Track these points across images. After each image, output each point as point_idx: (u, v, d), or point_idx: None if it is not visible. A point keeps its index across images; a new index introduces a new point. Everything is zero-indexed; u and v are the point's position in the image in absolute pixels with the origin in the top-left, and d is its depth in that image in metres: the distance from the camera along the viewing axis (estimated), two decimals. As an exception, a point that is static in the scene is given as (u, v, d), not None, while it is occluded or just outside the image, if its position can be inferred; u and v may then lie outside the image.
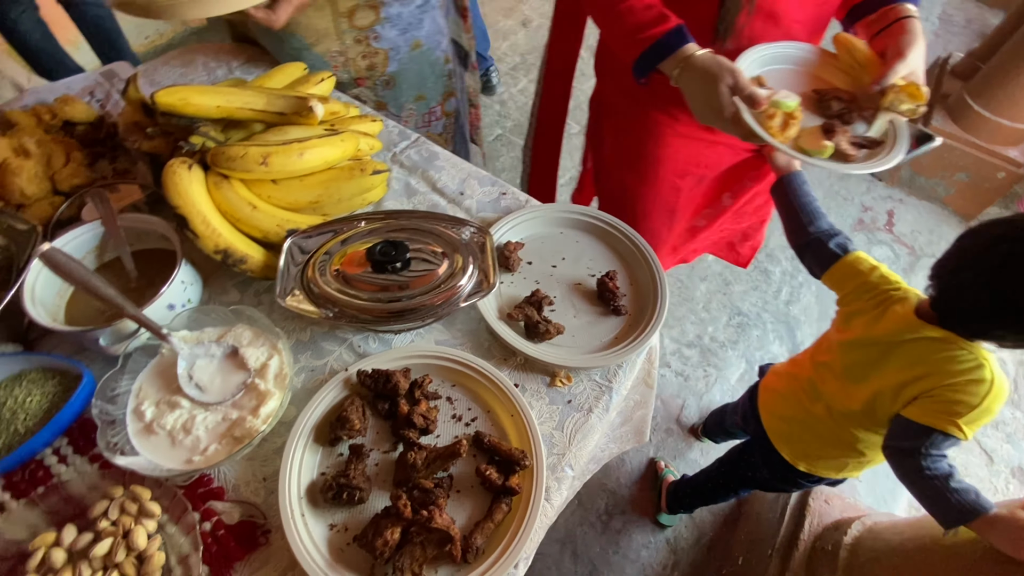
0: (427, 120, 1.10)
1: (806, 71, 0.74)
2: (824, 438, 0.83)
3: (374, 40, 0.93)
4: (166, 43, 2.75)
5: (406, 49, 0.97)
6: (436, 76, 1.04)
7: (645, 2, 0.68)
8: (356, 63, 0.94)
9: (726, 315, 1.79)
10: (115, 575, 0.46)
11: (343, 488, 0.51)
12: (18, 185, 0.68)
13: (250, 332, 0.59)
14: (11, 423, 0.52)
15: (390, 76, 0.99)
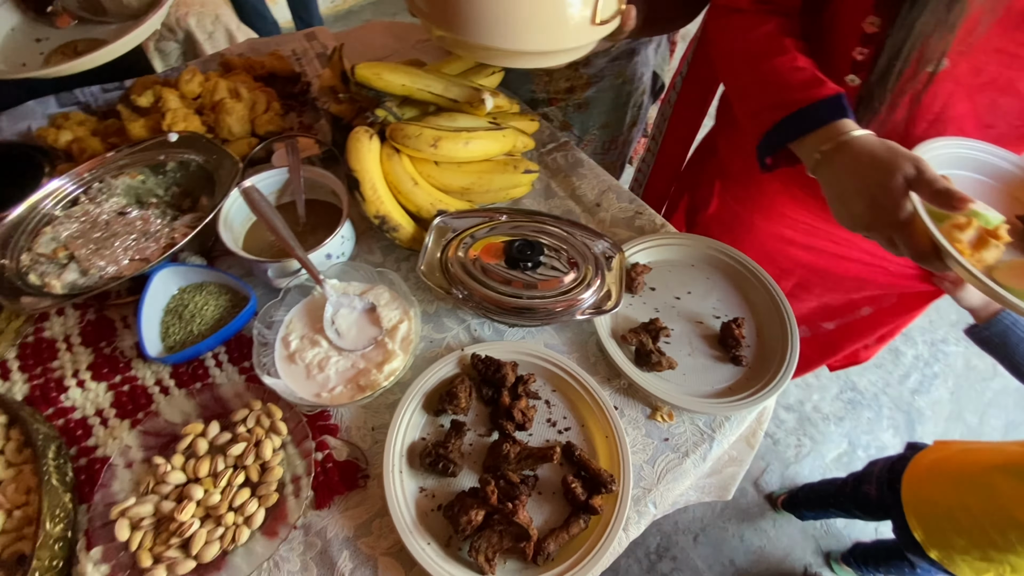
0: (607, 147, 1.11)
1: (1005, 189, 0.56)
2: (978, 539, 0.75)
3: (583, 66, 0.95)
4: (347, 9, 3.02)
5: (610, 78, 0.98)
6: (628, 107, 1.05)
7: (795, 63, 0.55)
8: (557, 84, 0.97)
9: (837, 387, 1.63)
10: (242, 476, 0.53)
11: (440, 458, 0.54)
12: (228, 123, 0.79)
13: (388, 294, 0.64)
14: (189, 324, 0.61)
15: (584, 100, 1.01)
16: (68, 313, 0.65)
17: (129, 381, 0.60)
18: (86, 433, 0.57)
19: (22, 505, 0.50)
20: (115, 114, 0.85)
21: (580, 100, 0.99)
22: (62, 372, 0.61)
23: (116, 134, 0.80)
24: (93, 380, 0.60)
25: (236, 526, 0.50)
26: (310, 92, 0.92)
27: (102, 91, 0.89)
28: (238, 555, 0.50)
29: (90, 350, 0.62)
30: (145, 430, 0.56)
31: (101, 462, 0.55)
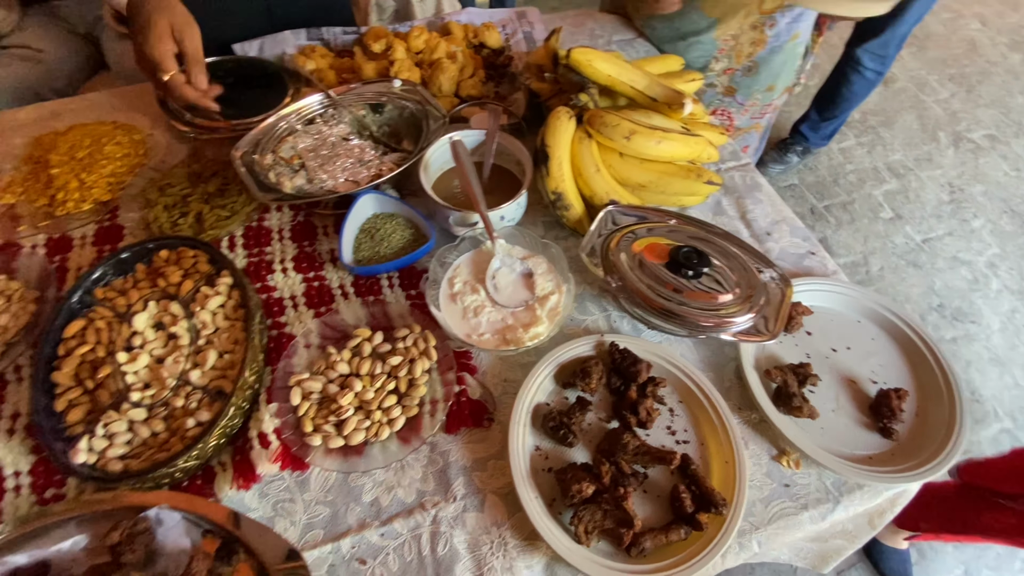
0: (762, 112, 1.10)
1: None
2: None
3: (768, 27, 0.95)
4: (540, -6, 3.10)
5: (786, 38, 0.98)
6: (792, 69, 1.04)
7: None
8: (741, 49, 0.97)
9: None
10: (392, 384, 0.60)
11: (563, 426, 0.57)
12: (440, 80, 0.87)
13: (546, 265, 0.68)
14: (377, 245, 0.70)
15: (754, 63, 1.00)
16: (285, 211, 0.77)
17: (319, 279, 0.71)
18: (280, 311, 0.68)
19: (229, 352, 0.62)
20: (348, 53, 0.98)
21: (750, 63, 0.99)
22: (271, 257, 0.73)
23: (348, 71, 0.92)
24: (294, 270, 0.71)
25: (380, 424, 0.58)
26: (511, 66, 0.99)
27: (343, 32, 1.02)
28: (376, 448, 0.57)
29: (295, 245, 0.74)
30: (325, 322, 0.65)
31: (288, 338, 0.65)
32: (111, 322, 0.63)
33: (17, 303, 0.66)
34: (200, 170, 0.78)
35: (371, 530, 0.54)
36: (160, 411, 0.58)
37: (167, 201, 0.74)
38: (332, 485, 0.56)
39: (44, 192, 0.77)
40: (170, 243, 0.68)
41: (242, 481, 0.55)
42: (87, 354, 0.60)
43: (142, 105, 0.92)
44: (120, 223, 0.76)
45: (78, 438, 0.55)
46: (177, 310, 0.63)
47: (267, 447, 0.56)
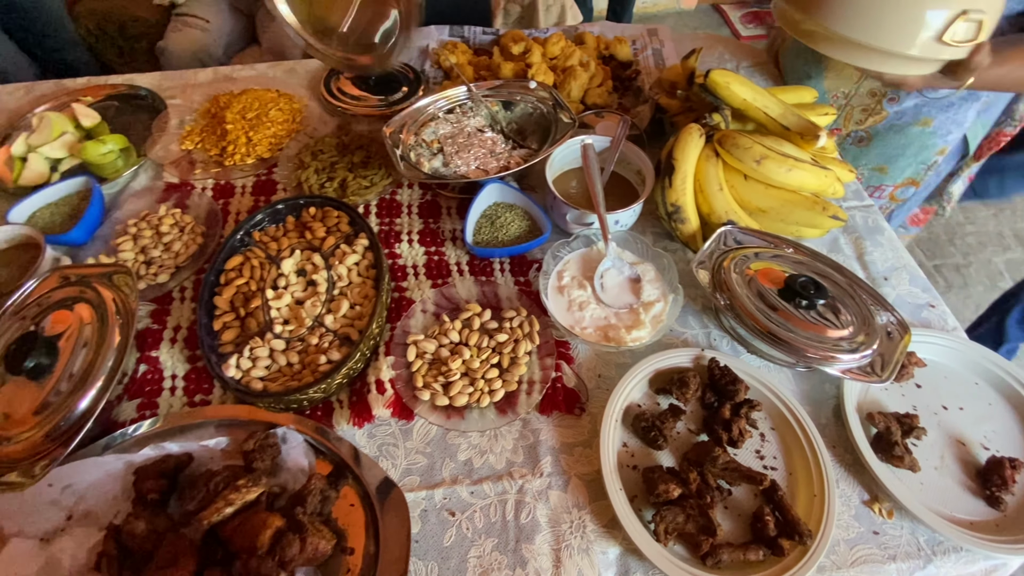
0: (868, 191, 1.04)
1: None
2: None
3: (889, 102, 0.89)
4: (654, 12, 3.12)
5: (910, 120, 0.90)
6: (918, 162, 0.96)
7: None
8: (852, 113, 0.93)
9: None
10: (496, 358, 0.65)
11: (653, 428, 0.59)
12: (571, 86, 0.92)
13: (654, 273, 0.71)
14: (495, 231, 0.76)
15: (868, 134, 0.95)
16: (415, 189, 0.85)
17: (439, 254, 0.77)
18: (403, 277, 0.75)
19: (358, 304, 0.69)
20: (484, 52, 1.05)
21: (863, 132, 0.93)
22: (400, 228, 0.80)
23: (485, 68, 0.99)
24: (418, 243, 0.78)
25: (481, 392, 0.62)
26: (637, 80, 1.02)
27: (482, 32, 1.10)
28: (475, 413, 0.62)
29: (421, 220, 0.81)
30: (442, 292, 0.71)
31: (407, 301, 0.72)
32: (263, 262, 0.72)
33: (188, 234, 0.77)
34: (348, 142, 0.86)
35: (462, 486, 0.58)
36: (296, 345, 0.65)
37: (318, 165, 0.83)
38: (432, 439, 0.62)
39: (217, 144, 0.89)
40: (318, 202, 0.77)
41: (357, 419, 0.62)
42: (242, 286, 0.70)
43: (299, 79, 1.04)
44: (275, 179, 0.86)
45: (229, 355, 0.63)
46: (319, 261, 0.71)
47: (382, 393, 0.63)
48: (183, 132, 0.93)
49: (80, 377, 0.57)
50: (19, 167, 0.86)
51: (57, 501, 0.55)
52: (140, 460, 0.57)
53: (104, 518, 0.56)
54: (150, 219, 0.78)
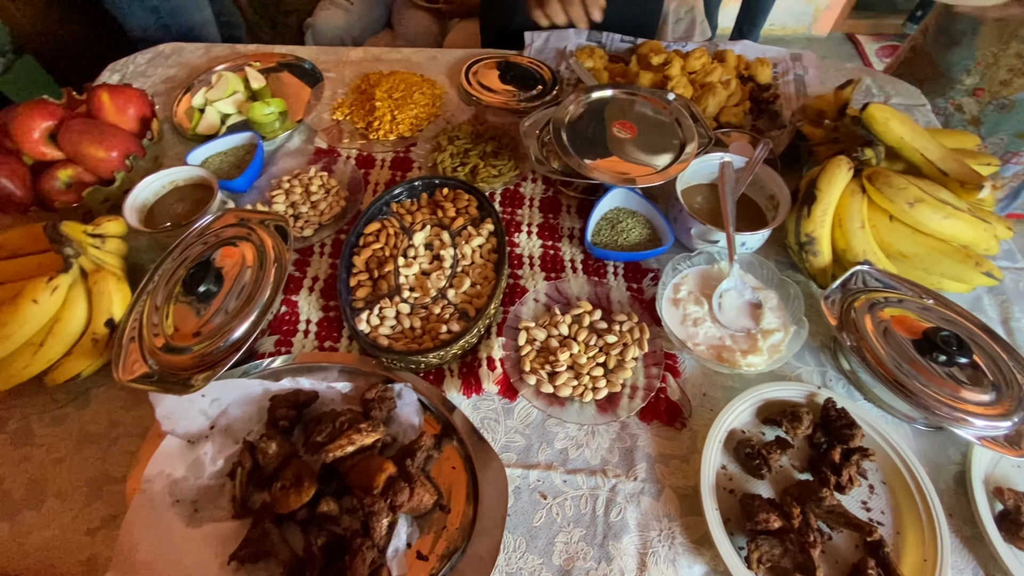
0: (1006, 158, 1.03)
1: None
2: None
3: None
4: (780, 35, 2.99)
5: None
6: None
7: None
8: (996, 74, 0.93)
9: None
10: (603, 357, 0.66)
11: (758, 456, 0.58)
12: (708, 103, 0.91)
13: (777, 301, 0.69)
14: (615, 235, 0.77)
15: (1012, 101, 0.94)
16: (538, 183, 0.88)
17: (555, 249, 0.79)
18: (519, 265, 0.78)
19: (478, 284, 0.73)
20: (620, 60, 1.07)
21: (1007, 99, 0.91)
22: (520, 219, 0.83)
23: (621, 75, 1.00)
24: (536, 235, 0.81)
25: (585, 387, 0.64)
26: (775, 104, 0.99)
27: (620, 40, 1.11)
28: (576, 406, 0.64)
29: (541, 215, 0.84)
30: (555, 286, 0.74)
31: (521, 289, 0.75)
32: (397, 232, 0.77)
33: (333, 196, 0.85)
34: (483, 131, 0.91)
35: (556, 473, 0.61)
36: (420, 312, 0.70)
37: (453, 150, 0.88)
38: (531, 422, 0.64)
39: (364, 118, 0.97)
40: (451, 184, 0.82)
41: (466, 389, 0.66)
42: (377, 250, 0.76)
43: (439, 67, 1.10)
44: (411, 157, 0.93)
45: (361, 311, 0.69)
46: (446, 238, 0.76)
47: (492, 370, 0.66)
48: (335, 103, 1.01)
49: (238, 308, 0.64)
50: (197, 117, 0.98)
51: (205, 411, 0.63)
52: (276, 389, 0.64)
53: (239, 433, 0.63)
54: (301, 178, 0.86)
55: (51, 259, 0.70)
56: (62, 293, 0.64)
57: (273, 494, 0.56)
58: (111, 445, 0.64)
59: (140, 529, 0.55)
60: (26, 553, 0.59)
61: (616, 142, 0.79)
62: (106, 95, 0.83)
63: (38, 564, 0.58)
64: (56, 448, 0.65)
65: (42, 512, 0.60)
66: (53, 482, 0.62)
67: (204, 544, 0.55)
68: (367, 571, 0.52)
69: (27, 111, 0.78)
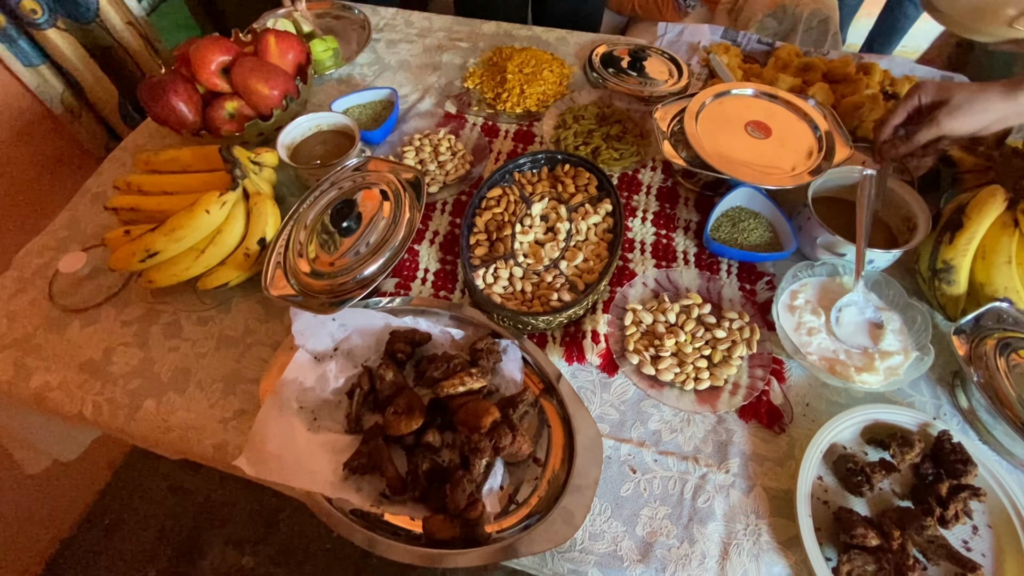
0: None
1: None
2: None
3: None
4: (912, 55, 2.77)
5: None
6: None
7: None
8: None
9: None
10: (708, 351, 0.67)
11: (861, 473, 0.57)
12: (849, 113, 0.88)
13: (900, 324, 0.67)
14: (735, 233, 0.77)
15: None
16: (657, 172, 0.88)
17: (668, 239, 0.80)
18: (630, 248, 0.79)
19: (590, 260, 0.75)
20: (755, 60, 1.04)
21: None
22: (636, 205, 0.84)
23: (755, 76, 0.98)
24: (651, 223, 0.82)
25: (687, 376, 0.65)
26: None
27: (757, 41, 1.08)
28: (675, 392, 0.65)
29: (657, 203, 0.84)
30: (667, 274, 0.74)
31: (631, 273, 0.76)
32: (517, 200, 0.80)
33: (458, 159, 0.89)
34: (608, 114, 0.92)
35: (647, 451, 0.62)
36: (533, 278, 0.73)
37: (578, 129, 0.90)
38: (627, 399, 0.66)
39: (494, 89, 1.00)
40: (574, 161, 0.84)
41: (569, 356, 0.68)
42: (498, 214, 0.79)
43: (568, 48, 1.12)
44: (534, 131, 0.96)
45: (479, 267, 0.73)
46: (563, 212, 0.78)
47: (596, 343, 0.68)
48: (466, 72, 1.06)
49: (374, 247, 0.70)
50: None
51: (332, 333, 0.69)
52: (397, 324, 0.69)
53: (359, 358, 0.69)
54: (431, 138, 0.91)
55: (215, 178, 0.78)
56: (228, 208, 0.72)
57: (386, 417, 0.62)
58: (246, 350, 0.72)
59: (271, 425, 0.62)
60: (169, 428, 0.67)
61: (748, 141, 0.78)
62: (273, 38, 0.91)
63: (177, 440, 0.67)
64: (200, 344, 0.73)
65: (185, 396, 0.69)
66: (195, 373, 0.71)
67: (321, 450, 0.62)
68: (464, 501, 0.56)
69: (207, 45, 0.87)
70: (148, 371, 0.71)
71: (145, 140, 0.99)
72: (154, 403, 0.69)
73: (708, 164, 0.75)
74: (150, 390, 0.70)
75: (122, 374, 0.71)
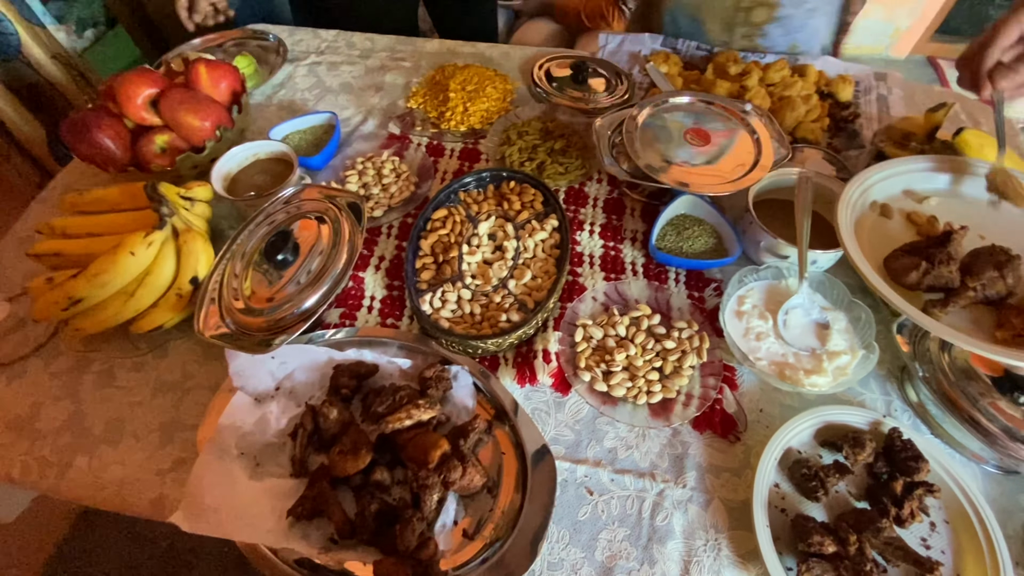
0: None
1: None
2: None
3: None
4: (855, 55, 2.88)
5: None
6: None
7: None
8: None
9: None
10: (659, 362, 0.66)
11: (815, 478, 0.57)
12: (786, 117, 0.89)
13: (846, 323, 0.67)
14: (680, 241, 0.77)
15: None
16: (603, 184, 0.88)
17: (616, 251, 0.80)
18: (579, 263, 0.78)
19: (538, 277, 0.74)
20: (694, 67, 1.06)
21: None
22: (583, 218, 0.84)
23: (696, 82, 0.99)
24: (599, 235, 0.81)
25: (639, 390, 0.64)
26: (855, 123, 0.96)
27: (696, 48, 1.10)
28: (628, 407, 0.64)
29: (604, 215, 0.84)
30: (615, 287, 0.74)
31: (580, 287, 0.75)
32: (463, 219, 0.79)
33: (403, 181, 0.87)
34: (552, 128, 0.92)
35: (604, 471, 0.61)
36: (481, 299, 0.72)
37: (522, 144, 0.89)
38: (582, 418, 0.65)
39: (437, 108, 0.99)
40: (519, 177, 0.83)
41: (521, 378, 0.67)
42: (443, 236, 0.77)
43: (512, 63, 1.12)
44: (479, 149, 0.95)
45: (425, 292, 0.71)
46: (510, 230, 0.77)
47: (547, 363, 0.67)
48: (409, 92, 1.04)
49: (313, 277, 0.67)
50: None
51: (272, 372, 0.66)
52: (340, 358, 0.67)
53: (302, 396, 0.66)
54: (374, 161, 0.89)
55: (144, 216, 0.75)
56: (155, 248, 0.68)
57: (331, 458, 0.59)
58: (184, 395, 0.69)
59: (209, 475, 0.58)
60: (102, 485, 0.63)
61: (688, 149, 0.78)
62: (203, 68, 0.89)
63: (112, 496, 0.63)
64: (135, 392, 0.69)
65: (119, 449, 0.65)
66: (130, 423, 0.67)
67: (264, 497, 0.58)
68: (415, 541, 0.54)
69: (134, 78, 0.83)
70: (79, 425, 0.67)
71: (75, 179, 0.95)
72: (86, 459, 0.65)
73: (647, 174, 0.75)
74: (81, 445, 0.66)
75: (51, 430, 0.67)
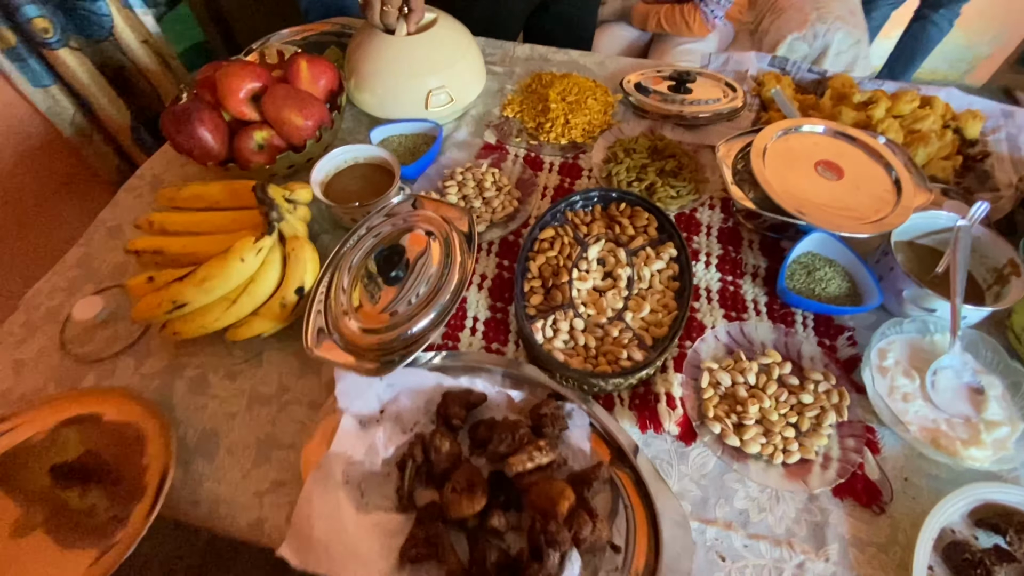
0: None
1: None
2: None
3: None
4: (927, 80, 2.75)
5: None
6: None
7: None
8: None
9: None
10: (795, 418, 0.61)
11: (979, 565, 0.51)
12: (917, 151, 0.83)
13: (1002, 389, 0.61)
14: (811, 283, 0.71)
15: None
16: (716, 211, 0.83)
17: (735, 286, 0.74)
18: (696, 297, 0.73)
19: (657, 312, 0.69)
20: (805, 90, 1.00)
21: None
22: (697, 247, 0.79)
23: (812, 107, 0.93)
24: (715, 268, 0.76)
25: (775, 447, 0.59)
26: (984, 162, 0.89)
27: (808, 70, 1.04)
28: (760, 465, 0.59)
29: (720, 246, 0.79)
30: (740, 328, 0.69)
31: (699, 324, 0.70)
32: (571, 242, 0.75)
33: (504, 195, 0.83)
34: (661, 147, 0.87)
35: (736, 534, 0.56)
36: (596, 331, 0.67)
37: (630, 163, 0.84)
38: (708, 472, 0.60)
39: (536, 117, 0.95)
40: (631, 199, 0.78)
41: (641, 424, 0.62)
42: (552, 258, 0.73)
43: (607, 72, 1.07)
44: (581, 164, 0.90)
45: (535, 319, 0.67)
46: (622, 256, 0.73)
47: (673, 409, 0.62)
48: (505, 100, 1.00)
49: (425, 298, 0.63)
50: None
51: (379, 394, 0.63)
52: (450, 384, 0.63)
53: (407, 422, 0.62)
54: (473, 172, 0.85)
55: (245, 216, 0.72)
56: (264, 255, 0.65)
57: (445, 496, 0.55)
58: (280, 410, 0.66)
59: (316, 505, 0.55)
60: (196, 502, 0.60)
61: (820, 181, 0.73)
62: (304, 64, 0.86)
63: (206, 515, 0.60)
64: (230, 403, 0.67)
65: (214, 464, 0.62)
66: (225, 436, 0.64)
67: (373, 533, 0.55)
68: (539, 600, 0.49)
69: (238, 71, 0.80)
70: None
71: (163, 169, 0.93)
72: (181, 471, 0.62)
73: (780, 207, 0.69)
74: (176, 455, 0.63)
75: (143, 435, 0.64)
